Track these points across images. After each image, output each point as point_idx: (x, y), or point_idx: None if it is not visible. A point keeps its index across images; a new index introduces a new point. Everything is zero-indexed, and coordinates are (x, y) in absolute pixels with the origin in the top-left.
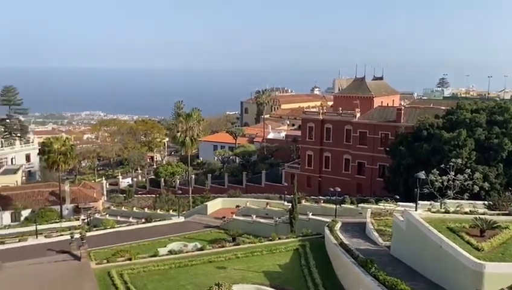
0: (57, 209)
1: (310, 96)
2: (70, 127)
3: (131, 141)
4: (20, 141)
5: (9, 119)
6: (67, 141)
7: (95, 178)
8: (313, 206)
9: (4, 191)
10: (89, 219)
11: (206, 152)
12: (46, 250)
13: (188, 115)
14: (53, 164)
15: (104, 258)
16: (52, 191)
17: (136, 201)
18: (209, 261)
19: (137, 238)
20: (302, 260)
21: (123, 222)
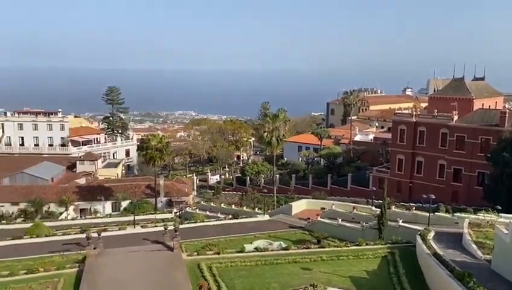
0: (152, 202)
1: (401, 97)
2: (165, 125)
3: (220, 139)
4: (121, 138)
5: (112, 117)
6: (163, 138)
7: (187, 174)
8: (403, 212)
9: (107, 183)
10: (180, 212)
11: (291, 153)
12: (142, 239)
13: (274, 115)
14: (150, 160)
15: (194, 251)
16: (148, 185)
17: (224, 197)
18: (294, 261)
19: (225, 234)
20: (391, 268)
21: (211, 217)
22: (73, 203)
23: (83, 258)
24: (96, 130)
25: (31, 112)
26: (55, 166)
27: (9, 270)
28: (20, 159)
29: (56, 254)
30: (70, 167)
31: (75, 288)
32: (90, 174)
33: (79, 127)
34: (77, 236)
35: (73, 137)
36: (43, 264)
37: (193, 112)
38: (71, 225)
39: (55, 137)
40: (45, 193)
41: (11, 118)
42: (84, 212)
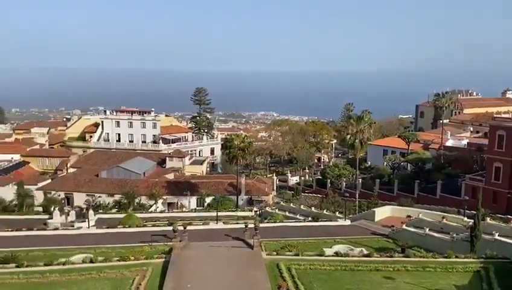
0: (233, 199)
1: (500, 100)
2: (247, 125)
3: (300, 140)
4: (206, 136)
5: (199, 116)
6: (245, 138)
7: (267, 174)
8: (499, 225)
9: (192, 179)
10: (260, 211)
11: (375, 156)
12: (224, 235)
13: (358, 117)
14: (233, 158)
15: (273, 250)
16: (230, 183)
17: (303, 199)
18: (376, 269)
19: (304, 236)
20: (484, 284)
21: (291, 218)
22: (162, 197)
23: (169, 249)
24: (185, 128)
25: (127, 110)
26: (147, 161)
27: (104, 257)
28: (117, 154)
29: (145, 244)
30: (160, 162)
31: (162, 278)
32: (178, 170)
33: (169, 126)
34: (165, 228)
35: (163, 135)
36: (133, 253)
37: (275, 113)
38: (159, 217)
39: (147, 134)
40: (137, 186)
41: (110, 116)
42: (171, 206)
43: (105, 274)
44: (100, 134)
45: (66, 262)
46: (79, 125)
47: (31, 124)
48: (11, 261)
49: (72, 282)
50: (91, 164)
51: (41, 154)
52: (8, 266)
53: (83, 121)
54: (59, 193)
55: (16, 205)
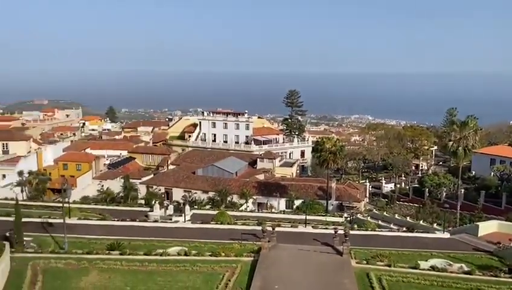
0: (323, 204)
1: None
2: (340, 128)
3: (397, 146)
4: (297, 139)
5: (290, 119)
6: (337, 141)
7: (359, 179)
8: None
9: (282, 181)
10: (351, 217)
11: (481, 166)
12: (312, 239)
13: (463, 123)
14: (323, 162)
15: (364, 259)
16: (320, 187)
17: (398, 208)
18: (478, 288)
19: (397, 246)
20: None
21: (384, 227)
22: (252, 196)
23: (258, 249)
24: (276, 130)
25: (222, 112)
26: (239, 161)
27: (197, 251)
28: (212, 153)
29: (235, 241)
30: (252, 163)
31: (250, 276)
32: (269, 171)
33: (261, 127)
34: (254, 228)
35: (255, 136)
36: (224, 250)
37: (370, 116)
38: (249, 216)
39: (241, 135)
40: (230, 185)
41: (207, 117)
42: (261, 206)
43: (197, 268)
44: (198, 134)
45: (163, 253)
46: (179, 125)
47: (137, 123)
48: (116, 249)
49: (167, 273)
50: (189, 161)
51: (145, 151)
52: (113, 253)
53: (183, 121)
54: (160, 188)
55: (122, 197)
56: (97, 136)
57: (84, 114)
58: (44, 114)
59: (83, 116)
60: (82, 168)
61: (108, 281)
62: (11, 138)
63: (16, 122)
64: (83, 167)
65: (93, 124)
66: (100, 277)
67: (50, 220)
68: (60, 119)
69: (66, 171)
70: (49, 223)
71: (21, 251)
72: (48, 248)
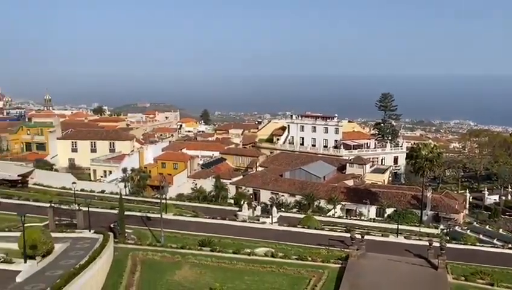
0: (417, 213)
1: None
2: (438, 134)
3: (503, 155)
4: (390, 144)
5: (383, 123)
6: (434, 148)
7: (458, 189)
8: None
9: (373, 188)
10: (448, 229)
11: None
12: (404, 250)
13: None
14: (419, 169)
15: (462, 275)
16: (414, 195)
17: (503, 222)
18: None
19: (501, 264)
20: None
21: (485, 242)
22: (341, 202)
23: (345, 256)
24: (367, 135)
25: (311, 115)
26: (327, 166)
27: (284, 253)
28: (300, 157)
29: (322, 247)
30: (340, 168)
31: (336, 283)
32: (358, 177)
33: (351, 132)
34: (342, 234)
35: (345, 140)
36: (310, 254)
37: (471, 122)
38: (337, 222)
39: (329, 139)
40: (317, 189)
41: (295, 120)
42: (349, 213)
43: (284, 270)
44: (286, 137)
45: (251, 253)
46: (268, 128)
47: (229, 126)
48: (207, 245)
49: (254, 272)
50: (277, 164)
51: (236, 152)
52: (204, 249)
53: (272, 124)
54: (248, 189)
55: (213, 196)
56: (192, 137)
57: (182, 116)
58: (147, 116)
59: (180, 118)
60: (178, 167)
61: (199, 276)
62: (118, 137)
63: (122, 123)
64: (179, 166)
65: (189, 126)
66: (192, 272)
67: (149, 214)
68: (160, 121)
69: (164, 170)
70: (148, 217)
71: (123, 242)
72: (146, 240)
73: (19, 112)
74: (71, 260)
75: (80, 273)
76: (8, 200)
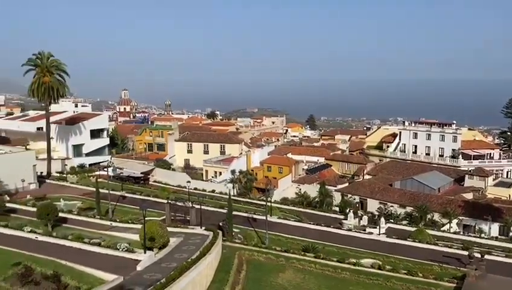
0: None
1: None
2: None
3: None
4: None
5: (510, 132)
6: None
7: None
8: None
9: (495, 203)
10: None
11: None
12: None
13: None
14: None
15: None
16: None
17: None
18: None
19: None
20: None
21: None
22: (457, 217)
23: (462, 275)
24: (491, 144)
25: (426, 122)
26: (442, 176)
27: (392, 266)
28: (411, 166)
29: (435, 263)
30: (458, 179)
31: None
32: (479, 190)
33: (472, 141)
34: (457, 251)
35: (464, 150)
36: (421, 270)
37: None
38: (452, 238)
39: (446, 148)
40: (430, 202)
41: (408, 127)
42: (467, 229)
43: (391, 284)
44: (397, 144)
45: (356, 263)
46: (377, 135)
47: (335, 132)
48: (311, 251)
49: (360, 283)
50: (386, 173)
51: (342, 159)
52: (308, 255)
53: (382, 130)
54: (354, 197)
55: (318, 202)
56: (298, 142)
57: (288, 121)
58: (254, 121)
59: (286, 123)
60: (283, 171)
61: (302, 281)
62: (227, 140)
63: (232, 127)
64: (284, 170)
65: (294, 130)
66: (295, 276)
67: (254, 215)
68: (267, 125)
69: (270, 173)
70: (254, 218)
71: (230, 240)
72: (252, 241)
73: (143, 115)
74: (184, 253)
75: (191, 267)
76: (132, 195)
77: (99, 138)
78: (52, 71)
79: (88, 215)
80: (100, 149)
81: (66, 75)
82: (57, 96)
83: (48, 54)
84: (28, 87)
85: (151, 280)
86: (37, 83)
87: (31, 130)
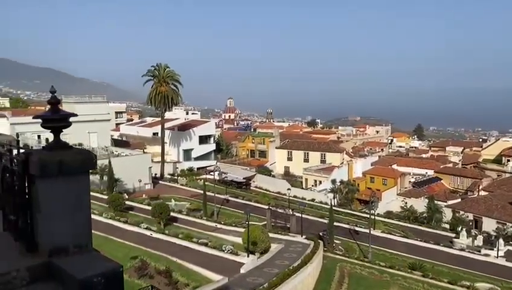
0: None
1: None
2: None
3: None
4: None
5: None
6: None
7: None
8: None
9: None
10: None
11: None
12: None
13: None
14: None
15: None
16: None
17: None
18: None
19: None
20: None
21: None
22: None
23: None
24: None
25: None
26: None
27: None
28: None
29: None
30: None
31: None
32: None
33: None
34: None
35: None
36: None
37: None
38: None
39: None
40: None
41: None
42: None
43: None
44: None
45: (471, 287)
46: (495, 147)
47: (446, 143)
48: (417, 269)
49: None
50: (505, 189)
51: (453, 172)
52: (415, 273)
53: (501, 143)
54: (467, 214)
55: (425, 218)
56: (404, 153)
57: (393, 131)
58: (357, 129)
59: (391, 133)
60: (388, 183)
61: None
62: (328, 149)
63: (333, 136)
64: (388, 182)
65: (400, 141)
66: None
67: (356, 228)
68: (370, 134)
69: (373, 184)
70: (356, 231)
71: (331, 251)
72: (354, 253)
73: (246, 123)
74: (285, 261)
75: (293, 274)
76: (235, 199)
77: (206, 144)
78: (167, 81)
79: (195, 216)
80: (207, 154)
81: (179, 84)
82: (171, 105)
83: (165, 66)
84: (147, 96)
85: (254, 283)
86: (155, 92)
87: (147, 135)
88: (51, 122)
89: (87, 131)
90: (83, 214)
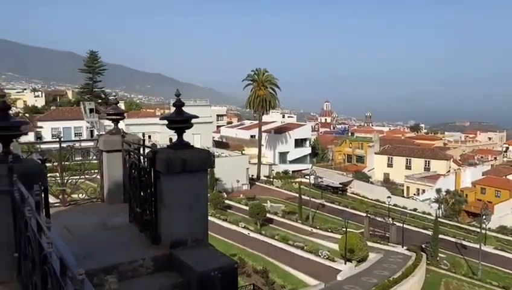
0: None
1: None
2: None
3: None
4: None
5: None
6: None
7: None
8: None
9: None
10: None
11: None
12: None
13: None
14: None
15: None
16: None
17: None
18: None
19: None
20: None
21: None
22: None
23: None
24: None
25: None
26: None
27: None
28: None
29: None
30: None
31: None
32: None
33: None
34: None
35: None
36: None
37: None
38: None
39: None
40: None
41: None
42: None
43: None
44: None
45: None
46: None
47: None
48: None
49: None
50: None
51: None
52: None
53: None
54: None
55: None
56: None
57: (508, 138)
58: (466, 136)
59: (506, 140)
60: (501, 195)
61: None
62: (433, 156)
63: (438, 142)
64: (502, 194)
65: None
66: None
67: (464, 242)
68: (481, 141)
69: (484, 196)
70: (463, 245)
71: (435, 265)
72: (461, 269)
73: (343, 126)
74: (384, 271)
75: (394, 286)
76: (330, 204)
77: (302, 147)
78: (266, 85)
79: (291, 218)
80: (302, 157)
81: (277, 88)
82: (269, 108)
83: (264, 70)
84: (246, 100)
85: None
86: (254, 95)
87: (245, 138)
88: (176, 123)
89: (192, 133)
90: (201, 210)
